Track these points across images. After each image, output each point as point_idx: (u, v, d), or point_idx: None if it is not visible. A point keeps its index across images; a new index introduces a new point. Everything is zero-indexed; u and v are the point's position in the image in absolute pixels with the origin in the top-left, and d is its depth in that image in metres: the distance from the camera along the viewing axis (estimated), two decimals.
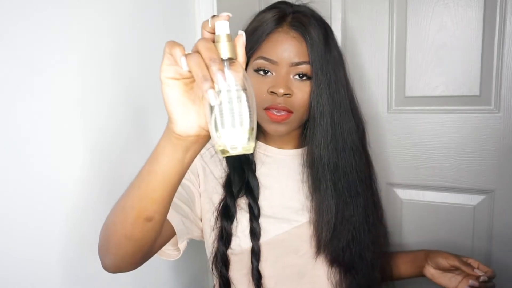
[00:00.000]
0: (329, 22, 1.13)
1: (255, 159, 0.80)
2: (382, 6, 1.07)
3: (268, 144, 0.82)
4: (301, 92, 0.72)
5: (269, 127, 0.74)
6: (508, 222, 1.01)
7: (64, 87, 0.66)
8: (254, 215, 0.75)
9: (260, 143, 0.82)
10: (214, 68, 0.40)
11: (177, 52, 0.43)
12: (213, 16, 0.44)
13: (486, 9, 0.97)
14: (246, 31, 0.77)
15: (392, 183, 1.12)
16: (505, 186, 1.01)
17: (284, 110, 0.71)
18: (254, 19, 0.77)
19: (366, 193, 0.80)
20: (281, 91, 0.69)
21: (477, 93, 1.00)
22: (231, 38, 0.44)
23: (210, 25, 0.45)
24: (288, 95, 0.71)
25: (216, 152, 0.49)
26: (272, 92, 0.71)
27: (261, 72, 0.73)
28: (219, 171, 0.79)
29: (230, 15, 0.44)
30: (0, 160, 0.58)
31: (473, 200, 1.05)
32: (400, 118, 1.09)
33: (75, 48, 0.68)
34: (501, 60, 0.97)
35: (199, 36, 1.16)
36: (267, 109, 0.72)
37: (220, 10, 1.02)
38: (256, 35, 0.73)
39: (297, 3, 0.78)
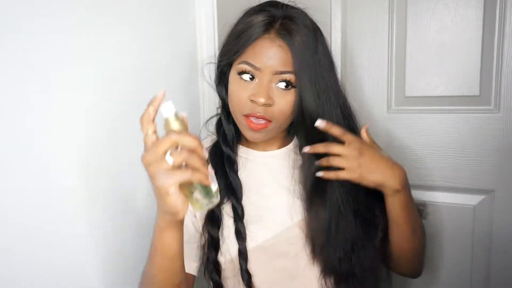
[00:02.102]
0: (329, 22, 1.14)
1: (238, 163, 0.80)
2: (382, 6, 1.07)
3: (250, 147, 0.81)
4: (283, 101, 0.70)
5: (247, 134, 0.74)
6: (508, 222, 1.01)
7: (64, 87, 0.66)
8: (238, 215, 0.75)
9: (241, 147, 0.82)
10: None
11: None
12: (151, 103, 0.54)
13: (486, 9, 0.97)
14: (232, 33, 0.75)
15: None
16: (505, 186, 1.01)
17: (263, 119, 0.71)
18: (241, 19, 0.75)
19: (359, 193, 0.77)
20: (262, 100, 0.68)
21: (477, 93, 1.00)
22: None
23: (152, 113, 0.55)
24: (268, 105, 0.70)
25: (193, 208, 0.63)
26: (252, 100, 0.70)
27: (245, 76, 0.71)
28: None
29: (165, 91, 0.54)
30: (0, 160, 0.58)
31: (473, 200, 1.05)
32: (400, 118, 1.09)
33: (75, 48, 0.68)
34: (501, 60, 0.97)
35: (199, 36, 1.15)
36: (246, 116, 0.71)
37: (220, 10, 1.02)
38: (242, 39, 0.71)
39: (289, 3, 0.75)
